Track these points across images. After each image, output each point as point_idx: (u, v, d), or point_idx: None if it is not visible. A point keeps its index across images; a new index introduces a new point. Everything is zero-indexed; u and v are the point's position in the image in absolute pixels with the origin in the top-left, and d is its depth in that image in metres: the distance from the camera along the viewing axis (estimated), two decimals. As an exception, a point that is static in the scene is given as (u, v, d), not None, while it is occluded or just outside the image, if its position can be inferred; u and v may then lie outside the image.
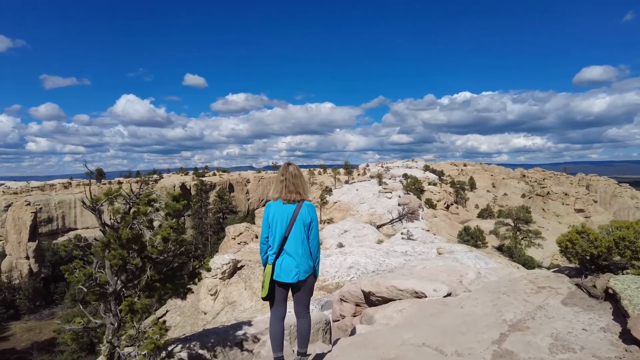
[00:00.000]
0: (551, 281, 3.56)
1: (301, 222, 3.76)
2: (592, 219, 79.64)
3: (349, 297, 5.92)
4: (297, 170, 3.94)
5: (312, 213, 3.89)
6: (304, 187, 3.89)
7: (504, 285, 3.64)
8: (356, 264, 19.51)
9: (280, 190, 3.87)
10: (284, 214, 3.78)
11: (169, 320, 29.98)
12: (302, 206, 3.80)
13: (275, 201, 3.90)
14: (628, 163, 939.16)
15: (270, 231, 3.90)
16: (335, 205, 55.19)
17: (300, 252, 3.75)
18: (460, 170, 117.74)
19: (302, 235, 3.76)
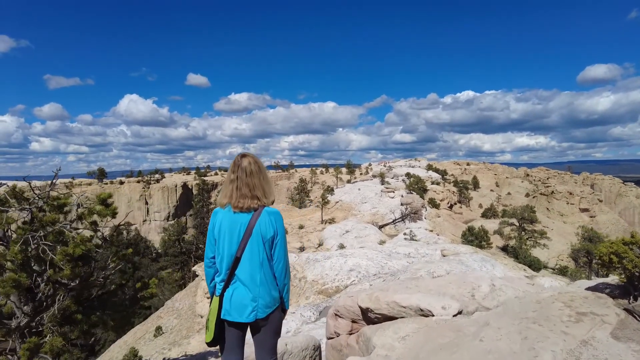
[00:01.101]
0: (592, 304, 2.85)
1: (259, 238, 2.78)
2: (597, 218, 78.72)
3: (344, 313, 5.20)
4: (255, 165, 2.92)
5: (277, 223, 2.88)
6: (264, 189, 2.91)
7: (532, 309, 2.93)
8: (357, 266, 18.80)
9: (230, 193, 2.88)
10: (235, 226, 2.81)
11: (166, 322, 29.37)
12: (260, 215, 2.83)
13: (224, 208, 2.90)
14: (633, 162, 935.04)
15: (216, 249, 2.92)
16: (337, 205, 54.50)
17: (259, 279, 2.78)
18: (463, 169, 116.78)
19: (261, 256, 2.79)
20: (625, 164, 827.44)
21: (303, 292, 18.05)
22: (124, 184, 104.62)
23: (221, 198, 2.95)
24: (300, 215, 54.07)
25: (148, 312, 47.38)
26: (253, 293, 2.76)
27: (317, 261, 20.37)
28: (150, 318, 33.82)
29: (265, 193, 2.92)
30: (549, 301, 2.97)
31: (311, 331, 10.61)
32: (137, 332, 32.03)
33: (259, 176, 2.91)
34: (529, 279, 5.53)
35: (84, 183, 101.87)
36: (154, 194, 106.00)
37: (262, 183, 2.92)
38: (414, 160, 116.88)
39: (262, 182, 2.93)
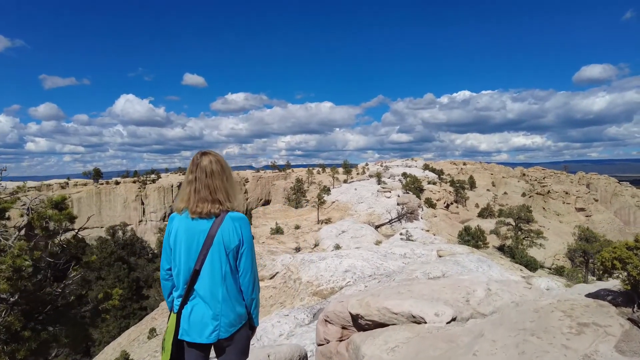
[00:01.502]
0: (594, 314, 2.67)
1: (221, 248, 2.46)
2: (593, 217, 78.87)
3: (334, 319, 4.99)
4: (217, 165, 2.58)
5: (242, 230, 2.55)
6: (227, 191, 2.58)
7: (530, 319, 2.74)
8: (352, 267, 18.59)
9: (188, 197, 2.54)
10: (193, 235, 2.48)
11: (160, 324, 29.09)
12: (223, 221, 2.49)
13: (181, 214, 2.57)
14: (628, 161, 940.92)
15: (172, 261, 2.59)
16: (333, 205, 54.33)
17: (221, 294, 2.46)
18: (460, 169, 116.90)
19: (224, 268, 2.47)
20: (620, 164, 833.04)
21: (297, 293, 17.83)
22: (120, 184, 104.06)
23: (178, 202, 2.62)
24: (297, 215, 53.87)
25: (144, 312, 47.12)
26: (214, 310, 2.45)
27: (312, 262, 20.15)
28: (145, 319, 33.56)
29: (228, 196, 2.59)
30: (548, 310, 2.78)
31: (304, 334, 10.41)
32: (131, 333, 31.77)
33: (221, 177, 2.58)
34: (526, 283, 5.33)
35: (80, 183, 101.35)
36: (150, 194, 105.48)
37: (225, 185, 2.59)
38: (410, 160, 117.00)
39: (225, 183, 2.60)
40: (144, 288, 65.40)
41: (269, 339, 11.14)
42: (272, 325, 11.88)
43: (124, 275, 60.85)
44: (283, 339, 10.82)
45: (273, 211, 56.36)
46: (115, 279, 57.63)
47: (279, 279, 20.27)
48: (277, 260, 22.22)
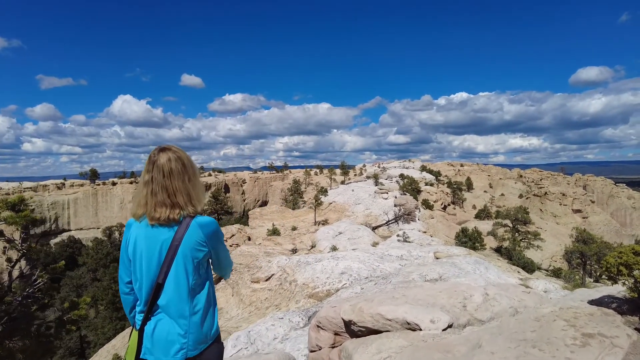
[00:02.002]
0: (599, 323, 2.50)
1: (187, 259, 2.19)
2: (590, 219, 79.00)
3: (326, 325, 4.81)
4: (177, 163, 2.26)
5: (211, 237, 2.29)
6: (188, 194, 2.27)
7: (531, 328, 2.58)
8: (349, 269, 18.42)
9: (144, 200, 2.25)
10: (153, 245, 2.20)
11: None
12: (189, 228, 2.21)
13: (139, 220, 2.28)
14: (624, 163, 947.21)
15: (132, 273, 2.31)
16: (330, 206, 54.12)
17: (189, 309, 2.20)
18: (457, 170, 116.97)
19: (191, 281, 2.21)
20: (616, 166, 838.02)
21: (293, 295, 17.65)
22: (117, 185, 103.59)
23: (134, 206, 2.31)
24: (294, 216, 53.62)
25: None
26: (181, 327, 2.20)
27: (308, 264, 19.98)
28: (140, 321, 33.24)
29: (190, 199, 2.28)
30: (550, 319, 2.62)
31: (298, 338, 10.23)
32: (125, 335, 31.46)
33: (182, 177, 2.25)
34: (525, 287, 5.17)
35: (76, 184, 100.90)
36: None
37: (187, 186, 2.27)
38: (408, 161, 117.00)
39: (187, 185, 2.27)
40: (141, 289, 65.18)
41: (263, 343, 10.95)
42: (267, 328, 11.70)
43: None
44: (277, 343, 10.64)
45: (270, 212, 56.11)
46: (111, 280, 57.23)
47: (274, 281, 20.08)
48: (273, 262, 22.02)
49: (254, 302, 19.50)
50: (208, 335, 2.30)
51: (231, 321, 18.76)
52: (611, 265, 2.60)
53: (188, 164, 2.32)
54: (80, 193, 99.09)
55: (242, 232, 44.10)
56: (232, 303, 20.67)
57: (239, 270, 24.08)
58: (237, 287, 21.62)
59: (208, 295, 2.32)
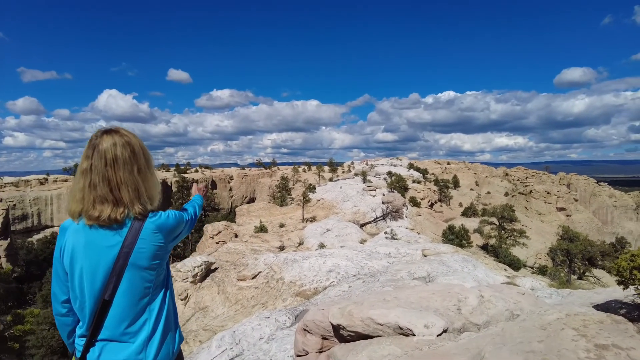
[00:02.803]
0: (611, 332, 2.32)
1: (142, 269, 1.79)
2: (573, 217, 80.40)
3: (313, 329, 4.56)
4: (125, 149, 1.83)
5: (172, 232, 1.91)
6: (137, 188, 1.84)
7: (537, 338, 2.37)
8: (336, 267, 18.22)
9: (81, 194, 1.79)
10: (97, 253, 1.77)
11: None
12: (141, 231, 1.79)
13: (77, 220, 1.83)
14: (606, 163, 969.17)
15: (70, 288, 1.86)
16: (318, 203, 53.95)
17: (147, 330, 1.81)
18: (444, 168, 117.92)
19: (147, 296, 1.82)
20: (598, 165, 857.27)
21: (280, 294, 17.38)
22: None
23: (70, 202, 1.85)
24: (282, 213, 53.32)
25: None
26: (134, 353, 1.79)
27: (296, 261, 19.72)
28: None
29: (139, 195, 1.84)
30: (557, 327, 2.42)
31: (285, 338, 9.97)
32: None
33: (130, 166, 1.82)
34: (520, 288, 4.99)
35: (60, 179, 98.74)
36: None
37: (136, 179, 1.84)
38: (395, 159, 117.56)
39: (136, 177, 1.84)
40: (125, 286, 64.30)
41: (248, 343, 10.67)
42: (252, 328, 11.41)
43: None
44: (263, 343, 10.37)
45: (257, 209, 55.71)
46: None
47: (261, 279, 19.79)
48: (259, 260, 21.72)
49: (240, 300, 19.18)
50: (172, 353, 1.92)
51: (216, 320, 18.42)
52: (623, 268, 2.41)
53: (139, 152, 1.89)
54: (64, 189, 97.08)
55: (229, 229, 43.63)
56: (217, 301, 20.31)
57: (224, 267, 23.72)
58: (223, 285, 21.26)
59: (168, 312, 1.92)
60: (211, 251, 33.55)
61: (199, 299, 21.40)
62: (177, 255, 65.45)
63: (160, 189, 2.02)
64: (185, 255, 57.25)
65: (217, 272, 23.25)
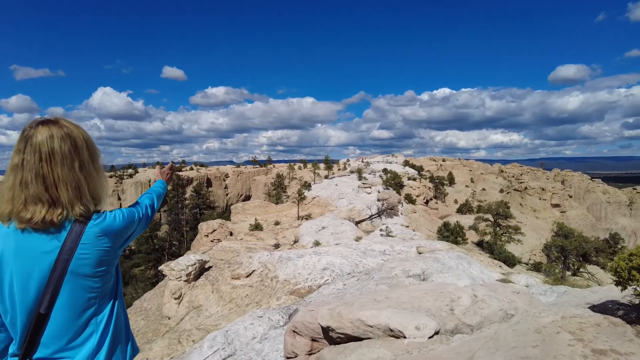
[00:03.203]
0: (609, 336, 2.20)
1: (84, 278, 1.58)
2: (568, 213, 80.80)
3: (303, 330, 4.43)
4: (64, 142, 1.59)
5: (122, 234, 1.69)
6: (78, 186, 1.60)
7: (532, 342, 2.26)
8: (331, 264, 18.12)
9: (11, 193, 1.56)
10: (30, 260, 1.55)
11: (132, 324, 28.08)
12: (82, 236, 1.56)
13: (7, 224, 1.58)
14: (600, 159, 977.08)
15: (0, 301, 1.60)
16: (314, 201, 53.81)
17: (92, 345, 1.60)
18: (439, 165, 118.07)
19: (90, 308, 1.62)
20: (592, 161, 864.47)
21: (274, 292, 17.26)
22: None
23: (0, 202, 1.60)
24: (277, 211, 53.13)
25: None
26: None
27: (290, 259, 19.60)
28: (118, 319, 32.38)
29: (81, 195, 1.61)
30: (553, 330, 2.30)
31: (278, 337, 9.85)
32: None
33: (69, 162, 1.59)
34: (514, 287, 4.88)
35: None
36: (127, 189, 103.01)
37: (77, 176, 1.60)
38: (391, 156, 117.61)
39: (78, 174, 1.61)
40: (119, 286, 63.96)
41: (241, 343, 10.54)
42: (245, 327, 11.28)
43: None
44: (255, 343, 10.24)
45: (253, 207, 55.47)
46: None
47: (255, 277, 19.65)
48: (254, 258, 21.58)
49: (234, 299, 19.04)
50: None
51: (210, 319, 18.28)
52: (621, 268, 2.30)
53: (82, 146, 1.65)
54: None
55: (224, 227, 43.42)
56: (211, 300, 20.16)
57: (218, 266, 23.55)
58: (217, 283, 21.11)
59: (117, 324, 1.72)
60: (206, 249, 33.36)
61: (192, 298, 21.24)
62: (172, 254, 65.20)
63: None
64: (180, 253, 57.08)
65: (211, 271, 23.09)
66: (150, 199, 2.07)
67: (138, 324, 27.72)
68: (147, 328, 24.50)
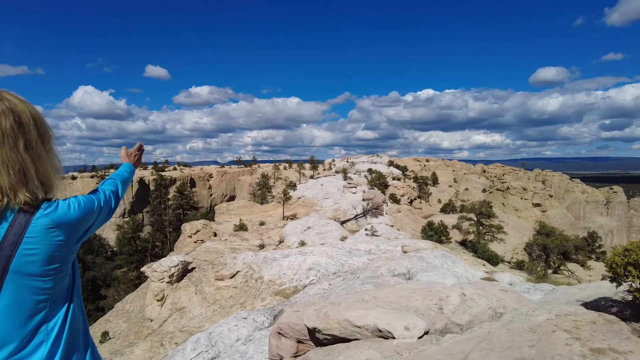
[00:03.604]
0: (606, 334, 2.14)
1: (30, 277, 1.37)
2: (548, 213, 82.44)
3: (288, 332, 4.30)
4: (6, 117, 1.36)
5: (64, 233, 1.42)
6: (23, 168, 1.38)
7: (528, 342, 2.18)
8: (316, 264, 18.00)
9: None
10: None
11: (114, 326, 27.43)
12: (28, 229, 1.35)
13: None
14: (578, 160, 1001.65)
15: None
16: (299, 201, 53.62)
17: (42, 355, 1.39)
18: (423, 165, 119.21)
19: (39, 312, 1.41)
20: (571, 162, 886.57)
21: (259, 293, 17.04)
22: (77, 179, 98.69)
23: None
24: (262, 211, 52.76)
25: (100, 314, 44.89)
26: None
27: (275, 260, 19.40)
28: (98, 322, 31.57)
29: (27, 179, 1.39)
30: (548, 329, 2.22)
31: (263, 339, 9.68)
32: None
33: (12, 140, 1.36)
34: (501, 285, 4.85)
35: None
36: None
37: (22, 157, 1.38)
38: (376, 156, 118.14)
39: (23, 155, 1.39)
40: (101, 287, 62.45)
41: (225, 345, 10.33)
42: (229, 329, 11.07)
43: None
44: (240, 345, 10.05)
45: (237, 207, 54.96)
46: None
47: (239, 278, 19.39)
48: (238, 259, 21.30)
49: (218, 300, 18.75)
50: None
51: (194, 321, 17.95)
52: (617, 264, 2.24)
53: (28, 122, 1.42)
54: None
55: (208, 228, 42.88)
56: (195, 302, 19.81)
57: (202, 267, 23.19)
58: (201, 284, 20.77)
59: (72, 331, 1.51)
60: (189, 250, 32.85)
61: (175, 299, 20.84)
62: (154, 255, 64.10)
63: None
64: (163, 254, 56.13)
65: (194, 272, 22.71)
66: (113, 184, 1.85)
67: (120, 326, 27.10)
68: (129, 331, 23.96)
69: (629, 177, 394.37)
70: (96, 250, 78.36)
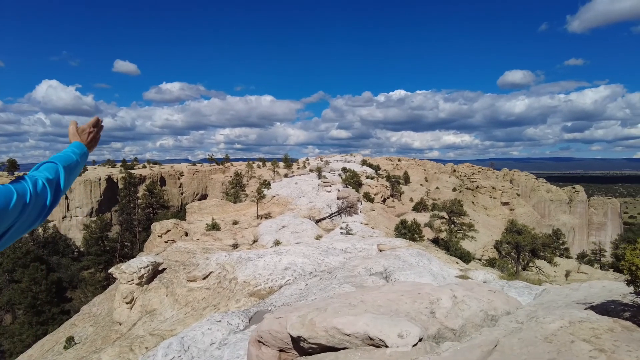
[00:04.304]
0: (628, 343, 1.98)
1: None
2: (516, 211, 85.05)
3: (269, 340, 4.00)
4: None
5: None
6: None
7: (546, 354, 1.96)
8: (292, 264, 17.69)
9: None
10: None
11: (79, 330, 26.20)
12: None
13: None
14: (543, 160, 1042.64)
15: None
16: (273, 200, 53.06)
17: None
18: (395, 165, 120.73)
19: None
20: (536, 162, 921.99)
21: (233, 294, 16.58)
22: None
23: None
24: (235, 210, 51.87)
25: (65, 317, 43.01)
26: None
27: (250, 260, 18.96)
28: (63, 326, 30.08)
29: None
30: (566, 339, 2.04)
31: (238, 343, 9.32)
32: (45, 343, 28.35)
33: None
34: (490, 286, 4.71)
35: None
36: (75, 188, 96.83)
37: None
38: (349, 155, 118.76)
39: None
40: (67, 289, 59.84)
41: (199, 350, 9.90)
42: (203, 333, 10.64)
43: (41, 277, 55.02)
44: (214, 349, 9.64)
45: (209, 206, 53.82)
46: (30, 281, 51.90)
47: (212, 279, 18.83)
48: (211, 259, 20.70)
49: (190, 302, 18.16)
50: None
51: (165, 324, 17.29)
52: (634, 265, 2.09)
53: None
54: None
55: (179, 228, 41.76)
56: (166, 304, 19.11)
57: (173, 268, 22.44)
58: (172, 286, 20.06)
59: None
60: (159, 251, 31.82)
61: (145, 301, 20.05)
62: (123, 256, 61.98)
63: None
64: (132, 255, 54.27)
65: (165, 273, 21.94)
66: (51, 171, 1.33)
67: (86, 330, 25.89)
68: (96, 335, 22.90)
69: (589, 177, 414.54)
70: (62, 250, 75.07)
